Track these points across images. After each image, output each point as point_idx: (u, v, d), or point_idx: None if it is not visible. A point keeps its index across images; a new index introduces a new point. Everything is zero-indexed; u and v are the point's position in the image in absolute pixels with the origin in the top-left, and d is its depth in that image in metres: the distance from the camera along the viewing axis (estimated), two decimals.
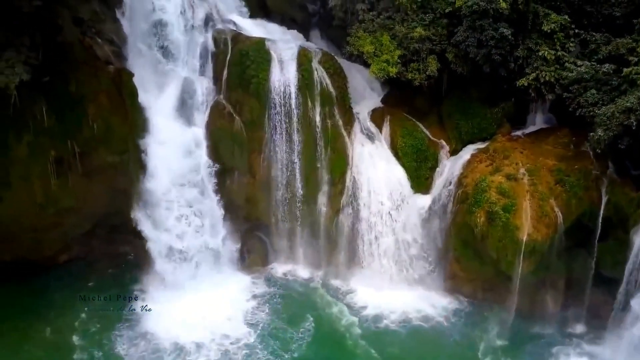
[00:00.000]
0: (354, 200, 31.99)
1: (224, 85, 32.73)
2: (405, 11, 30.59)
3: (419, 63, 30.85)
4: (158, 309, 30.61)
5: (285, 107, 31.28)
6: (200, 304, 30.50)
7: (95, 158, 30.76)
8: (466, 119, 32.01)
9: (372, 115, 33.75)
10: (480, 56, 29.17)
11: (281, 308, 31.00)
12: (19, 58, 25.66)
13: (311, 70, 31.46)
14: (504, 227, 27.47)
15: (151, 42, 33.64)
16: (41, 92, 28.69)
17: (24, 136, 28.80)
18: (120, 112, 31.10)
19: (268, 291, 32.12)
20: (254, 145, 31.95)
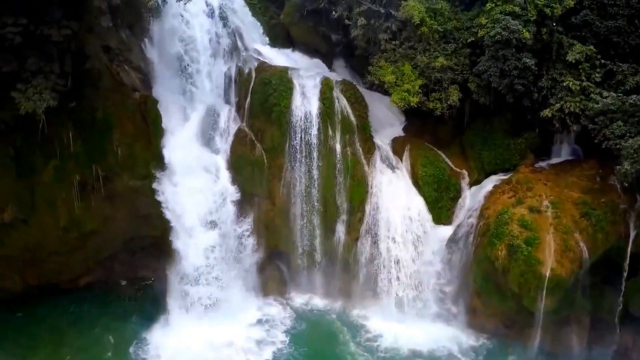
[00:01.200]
0: (373, 229, 31.60)
1: (247, 112, 33.19)
2: (427, 41, 30.57)
3: (441, 93, 30.73)
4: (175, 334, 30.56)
5: (306, 135, 31.46)
6: (216, 331, 30.36)
7: (119, 183, 31.35)
8: (489, 149, 31.55)
9: (392, 144, 33.63)
10: (502, 86, 28.86)
11: (297, 338, 30.56)
12: (47, 85, 26.44)
13: (332, 99, 31.67)
14: (525, 261, 26.64)
15: (177, 69, 34.51)
16: (69, 118, 29.54)
17: (51, 161, 29.61)
18: (144, 138, 31.75)
19: (284, 320, 31.76)
20: (274, 172, 32.10)
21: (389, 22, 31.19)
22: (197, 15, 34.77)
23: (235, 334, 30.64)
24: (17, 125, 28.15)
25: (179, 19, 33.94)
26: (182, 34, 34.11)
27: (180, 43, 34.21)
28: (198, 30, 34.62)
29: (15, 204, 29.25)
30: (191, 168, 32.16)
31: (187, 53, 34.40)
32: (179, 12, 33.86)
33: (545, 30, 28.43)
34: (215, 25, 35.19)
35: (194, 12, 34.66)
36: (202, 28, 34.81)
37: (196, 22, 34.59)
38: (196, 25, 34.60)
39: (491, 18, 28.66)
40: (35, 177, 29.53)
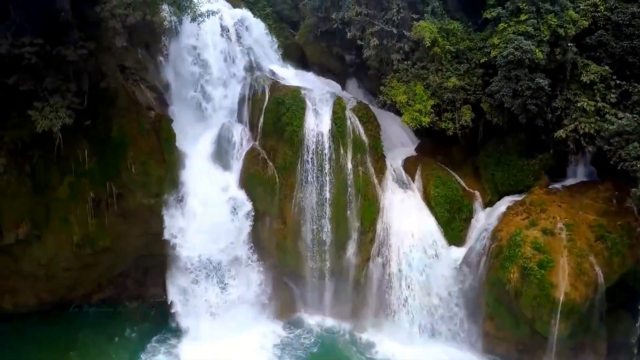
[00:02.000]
0: (384, 249, 31.29)
1: (260, 131, 33.40)
2: (439, 61, 30.52)
3: (453, 113, 30.58)
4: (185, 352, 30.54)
5: (318, 154, 31.49)
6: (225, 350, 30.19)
7: (132, 200, 31.62)
8: (502, 170, 31.17)
9: (405, 163, 33.44)
10: (515, 106, 28.61)
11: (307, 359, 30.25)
12: (64, 103, 26.98)
13: (344, 119, 31.73)
14: (539, 284, 26.07)
15: (192, 89, 35.08)
16: (84, 136, 30.05)
17: (66, 177, 30.06)
18: (157, 156, 32.08)
19: (294, 341, 31.48)
20: (286, 191, 32.09)
21: (402, 43, 31.29)
22: (212, 35, 35.38)
23: (245, 356, 30.37)
24: (34, 143, 28.75)
25: (194, 38, 34.55)
26: (197, 54, 34.68)
27: (195, 62, 34.80)
28: (213, 50, 35.23)
29: (30, 220, 29.71)
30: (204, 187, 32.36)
31: (202, 72, 34.95)
32: (195, 32, 34.46)
33: (559, 51, 28.17)
34: (230, 45, 35.78)
35: (210, 32, 35.26)
36: (217, 48, 35.44)
37: (211, 42, 35.22)
38: (211, 45, 35.23)
39: (504, 38, 28.52)
40: (50, 193, 29.99)
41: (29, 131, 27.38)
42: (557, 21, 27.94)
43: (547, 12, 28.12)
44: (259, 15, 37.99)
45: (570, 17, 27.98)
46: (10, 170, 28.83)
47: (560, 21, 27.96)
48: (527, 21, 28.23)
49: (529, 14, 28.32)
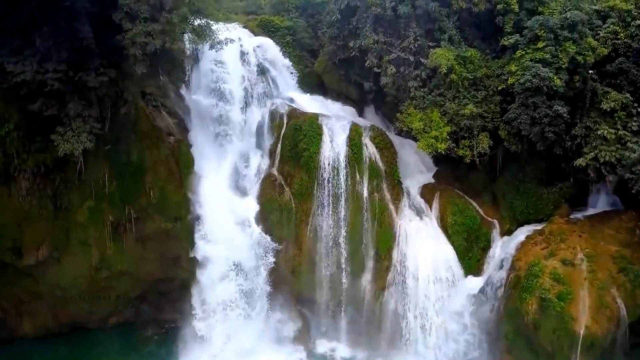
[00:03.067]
0: (400, 278, 30.88)
1: (277, 157, 33.66)
2: (456, 88, 30.36)
3: (471, 140, 30.24)
4: None
5: (334, 180, 31.57)
6: None
7: (150, 224, 31.96)
8: (521, 199, 30.60)
9: (422, 190, 33.17)
10: (533, 134, 28.21)
11: None
12: (85, 128, 27.56)
13: (360, 145, 31.78)
14: (558, 317, 25.28)
15: (212, 114, 35.52)
16: (105, 160, 30.59)
17: (86, 201, 30.57)
18: (175, 181, 32.48)
19: None
20: (302, 217, 32.12)
21: (419, 70, 31.27)
22: (233, 62, 36.05)
23: None
24: (56, 166, 29.42)
25: (215, 65, 35.21)
26: (218, 80, 35.28)
27: (215, 89, 35.38)
28: (233, 76, 35.83)
29: (50, 242, 30.27)
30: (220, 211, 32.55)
31: (222, 98, 35.48)
32: (215, 59, 35.15)
33: (577, 78, 27.80)
34: (250, 72, 36.37)
35: (230, 60, 35.94)
36: (237, 75, 36.04)
37: (232, 69, 35.85)
38: (232, 72, 35.84)
39: (521, 65, 28.31)
40: (71, 216, 30.50)
41: (52, 155, 28.05)
42: (575, 48, 27.64)
43: (565, 40, 27.84)
44: (279, 43, 38.58)
45: (589, 45, 27.65)
46: (32, 192, 29.52)
47: (579, 48, 27.65)
48: (545, 48, 27.97)
49: (547, 41, 28.08)
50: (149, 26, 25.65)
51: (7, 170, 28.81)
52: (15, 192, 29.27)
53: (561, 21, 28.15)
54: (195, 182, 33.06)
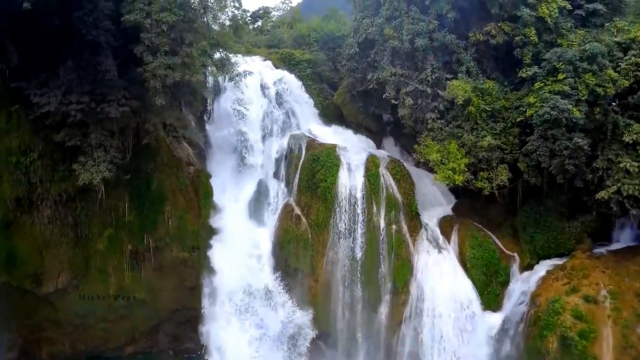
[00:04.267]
0: (418, 312, 30.19)
1: (295, 188, 33.72)
2: (474, 120, 30.15)
3: (489, 172, 29.81)
4: None
5: (351, 211, 31.39)
6: None
7: (168, 253, 32.26)
8: (542, 232, 29.78)
9: (440, 223, 32.67)
10: (553, 166, 27.65)
11: None
12: (106, 157, 28.23)
13: (378, 176, 31.67)
14: (580, 356, 24.32)
15: (232, 145, 36.22)
16: (126, 189, 31.18)
17: (106, 229, 31.12)
18: (194, 211, 32.84)
19: None
20: (318, 248, 31.91)
21: (436, 102, 31.23)
22: (253, 94, 36.99)
23: None
24: (78, 195, 30.06)
25: (235, 97, 35.94)
26: (238, 112, 35.95)
27: (235, 120, 36.03)
28: (253, 108, 36.67)
29: (70, 270, 30.77)
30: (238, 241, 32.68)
31: (242, 129, 36.12)
32: (236, 91, 35.86)
33: (598, 110, 27.28)
34: (270, 104, 37.10)
35: (251, 91, 36.85)
36: (257, 106, 36.87)
37: (252, 101, 36.70)
38: (252, 104, 36.65)
39: (540, 97, 27.96)
40: (90, 244, 31.03)
41: (74, 184, 28.69)
42: (595, 80, 27.20)
43: (584, 72, 27.48)
44: (299, 76, 39.18)
45: (610, 77, 27.20)
46: (54, 221, 30.25)
47: (598, 80, 27.21)
48: (564, 80, 27.62)
49: (566, 73, 27.74)
50: (169, 59, 26.48)
51: (31, 199, 29.66)
52: (38, 220, 30.05)
53: (580, 53, 27.87)
54: (214, 212, 33.33)
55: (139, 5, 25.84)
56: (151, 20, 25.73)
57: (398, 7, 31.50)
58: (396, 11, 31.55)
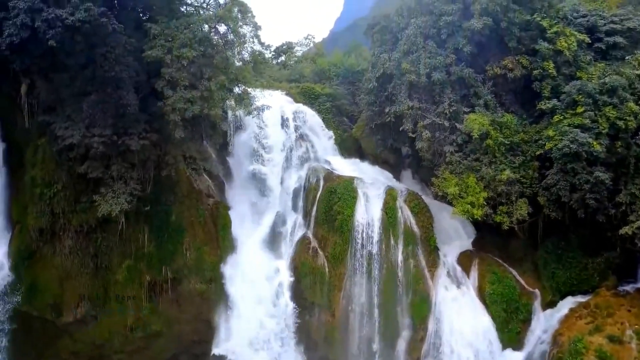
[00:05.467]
0: (436, 349, 29.49)
1: (312, 220, 33.69)
2: (493, 153, 29.85)
3: (509, 206, 29.32)
4: None
5: (368, 244, 31.16)
6: None
7: (185, 285, 32.32)
8: (564, 268, 29.03)
9: (459, 257, 32.11)
10: (573, 201, 27.13)
11: None
12: (126, 189, 28.81)
13: (395, 209, 31.46)
14: None
15: (251, 177, 36.51)
16: (145, 221, 31.57)
17: (125, 260, 31.39)
18: (212, 243, 33.00)
19: None
20: (335, 282, 31.61)
21: (454, 135, 31.08)
22: (273, 127, 37.36)
23: None
24: (99, 226, 30.56)
25: (256, 130, 36.47)
26: (258, 145, 36.41)
27: (255, 152, 36.44)
28: (273, 140, 36.99)
29: (89, 300, 31.05)
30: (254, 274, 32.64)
31: (261, 162, 36.49)
32: (257, 124, 36.45)
33: (619, 144, 26.84)
34: (289, 137, 37.41)
35: (271, 124, 37.30)
36: (277, 139, 37.20)
37: (272, 134, 37.15)
38: (272, 136, 37.12)
39: (559, 130, 27.68)
40: (110, 275, 31.32)
41: (95, 215, 29.19)
42: (616, 113, 26.91)
43: (605, 105, 27.19)
44: (318, 110, 39.61)
45: (631, 110, 26.86)
46: (75, 251, 30.78)
47: (619, 113, 26.90)
48: (584, 113, 27.36)
49: (586, 106, 27.50)
50: (189, 93, 27.14)
51: (53, 229, 30.37)
52: (59, 251, 30.64)
53: (600, 86, 27.67)
54: (232, 244, 33.46)
55: (160, 42, 26.75)
56: (172, 56, 26.54)
57: (415, 42, 31.76)
58: (413, 46, 31.80)
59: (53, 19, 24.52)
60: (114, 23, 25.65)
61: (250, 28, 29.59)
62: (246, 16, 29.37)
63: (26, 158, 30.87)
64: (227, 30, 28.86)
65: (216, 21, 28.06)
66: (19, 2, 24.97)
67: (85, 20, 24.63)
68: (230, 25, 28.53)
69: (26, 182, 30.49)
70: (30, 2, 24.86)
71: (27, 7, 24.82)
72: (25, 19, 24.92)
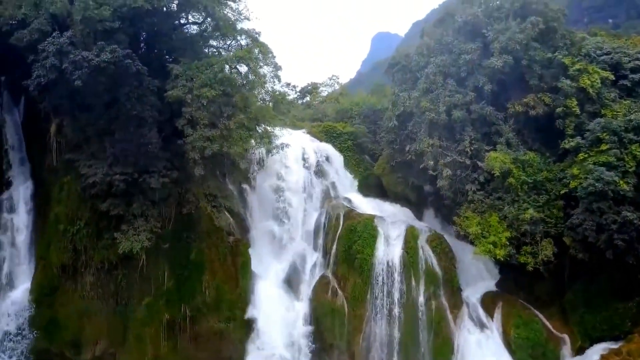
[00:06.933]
0: None
1: (332, 259, 33.30)
2: (515, 192, 29.22)
3: (533, 246, 28.49)
4: None
5: (388, 285, 30.48)
6: None
7: (204, 324, 31.96)
8: (593, 313, 27.81)
9: (483, 299, 31.09)
10: (601, 241, 26.18)
11: None
12: (147, 227, 29.08)
13: (416, 249, 30.88)
14: None
15: (272, 215, 36.46)
16: (165, 258, 31.65)
17: (145, 298, 31.33)
18: (231, 281, 32.76)
19: None
20: (355, 324, 30.87)
21: (476, 173, 30.64)
22: (295, 165, 37.54)
23: None
24: (120, 263, 30.75)
25: (276, 168, 36.67)
26: (279, 182, 36.52)
27: (276, 190, 36.53)
28: (294, 178, 37.11)
29: (108, 337, 30.93)
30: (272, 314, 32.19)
31: (283, 200, 36.52)
32: (279, 162, 36.63)
33: None
34: (310, 175, 37.52)
35: (292, 162, 37.51)
36: (298, 177, 37.31)
37: (293, 171, 37.24)
38: (293, 174, 37.17)
39: (584, 169, 27.03)
40: (129, 312, 31.21)
41: (116, 252, 29.42)
42: None
43: (631, 142, 26.56)
44: (340, 148, 39.71)
45: None
46: (95, 288, 30.91)
47: None
48: (609, 151, 26.73)
49: (611, 144, 26.90)
50: (208, 132, 27.50)
51: (75, 266, 30.67)
52: (80, 287, 30.82)
53: (625, 123, 27.13)
54: (251, 283, 33.20)
55: (181, 82, 27.37)
56: (192, 95, 27.05)
57: (434, 81, 31.82)
58: (433, 84, 31.86)
59: (80, 60, 25.46)
60: (137, 64, 26.46)
61: (271, 68, 30.14)
62: (267, 57, 29.98)
63: (52, 195, 31.59)
64: (247, 70, 29.39)
65: (236, 61, 28.60)
66: (48, 45, 26.04)
67: (109, 62, 25.49)
68: (250, 65, 29.05)
69: (51, 219, 31.10)
70: (59, 45, 25.92)
71: (55, 50, 25.86)
72: (54, 61, 25.93)
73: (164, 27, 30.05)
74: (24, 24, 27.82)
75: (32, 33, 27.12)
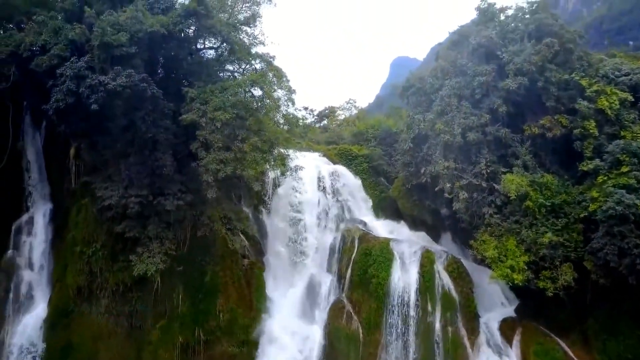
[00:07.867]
0: None
1: (347, 283, 32.90)
2: (533, 215, 28.57)
3: (552, 271, 27.70)
4: None
5: (404, 309, 29.94)
6: None
7: (218, 347, 31.69)
8: (616, 340, 26.84)
9: (501, 325, 30.28)
10: (623, 266, 25.36)
11: None
12: (161, 249, 29.17)
13: (433, 273, 30.34)
14: None
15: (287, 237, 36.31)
16: (180, 280, 31.63)
17: (160, 320, 31.28)
18: (245, 304, 32.56)
19: None
20: (370, 349, 30.28)
21: (493, 196, 30.07)
22: (310, 187, 37.51)
23: None
24: (135, 286, 30.81)
25: (292, 190, 36.65)
26: (295, 205, 36.40)
27: (291, 213, 36.41)
28: (309, 200, 37.07)
29: None
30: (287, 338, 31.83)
31: (297, 223, 36.31)
32: (294, 185, 36.60)
33: None
34: (325, 197, 37.44)
35: (308, 185, 37.46)
36: (313, 199, 37.21)
37: (309, 194, 37.24)
38: (308, 197, 37.18)
39: (603, 192, 26.36)
40: (143, 335, 31.15)
41: (131, 274, 29.51)
42: None
43: None
44: (355, 170, 39.59)
45: None
46: (110, 310, 30.98)
47: None
48: (629, 173, 26.08)
49: (631, 165, 26.25)
50: (222, 154, 27.57)
51: (91, 288, 30.86)
52: (95, 309, 30.92)
53: None
54: (265, 306, 32.93)
55: (196, 105, 27.64)
56: (206, 119, 27.25)
57: (449, 103, 31.60)
58: (447, 106, 31.63)
59: (96, 84, 25.95)
60: (152, 88, 26.85)
61: (285, 92, 30.26)
62: (281, 80, 30.16)
63: (70, 218, 31.98)
64: (262, 93, 29.58)
65: (250, 85, 28.82)
66: (66, 69, 26.60)
67: (125, 86, 25.92)
68: (264, 88, 29.25)
69: (68, 241, 31.44)
70: (76, 69, 26.48)
71: (73, 74, 26.40)
72: (71, 86, 26.46)
73: (180, 52, 30.54)
74: (44, 50, 28.53)
75: (51, 58, 27.78)
